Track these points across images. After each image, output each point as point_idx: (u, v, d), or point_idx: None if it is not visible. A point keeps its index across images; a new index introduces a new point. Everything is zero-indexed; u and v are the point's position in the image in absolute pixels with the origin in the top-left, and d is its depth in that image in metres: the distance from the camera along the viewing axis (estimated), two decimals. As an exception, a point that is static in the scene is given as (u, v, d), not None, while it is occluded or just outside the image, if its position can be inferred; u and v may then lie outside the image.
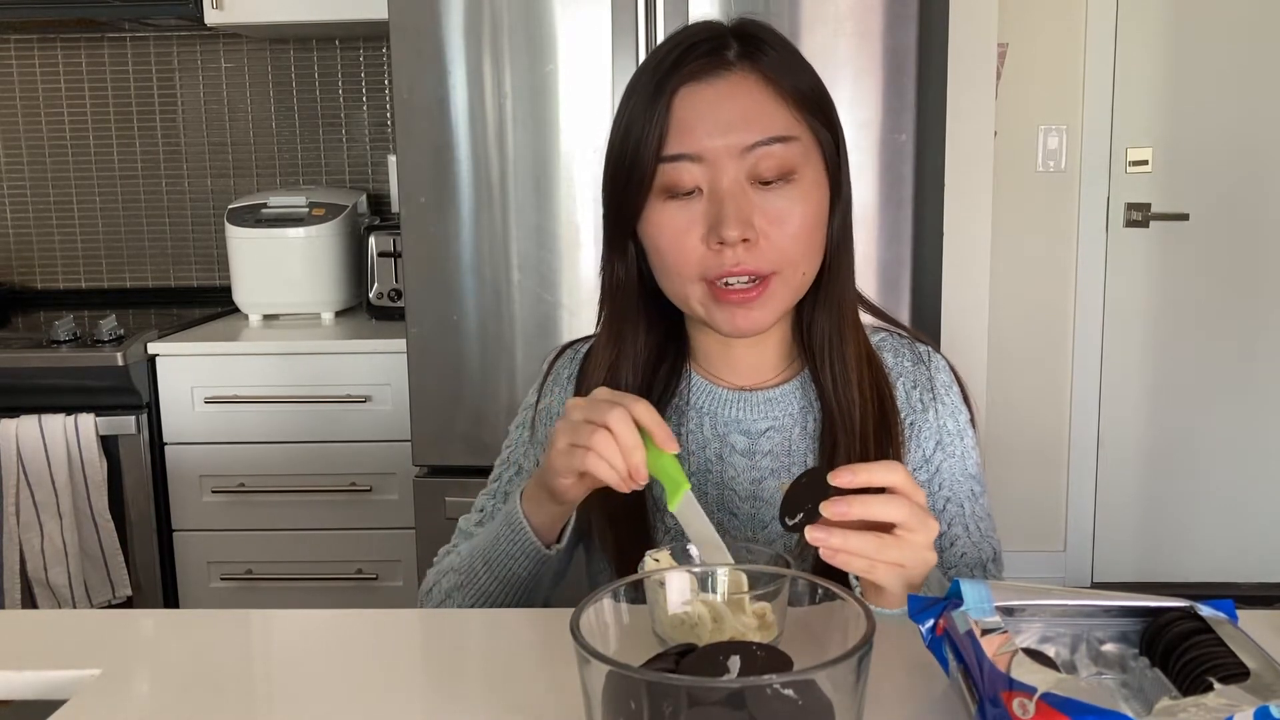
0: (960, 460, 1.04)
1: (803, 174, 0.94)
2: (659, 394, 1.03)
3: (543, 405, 1.09)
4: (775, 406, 1.03)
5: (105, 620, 0.95)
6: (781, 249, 0.93)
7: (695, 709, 0.53)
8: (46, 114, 2.81)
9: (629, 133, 0.94)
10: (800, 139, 0.94)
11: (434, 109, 1.95)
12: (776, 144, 0.92)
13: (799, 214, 0.93)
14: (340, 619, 0.92)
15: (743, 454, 1.02)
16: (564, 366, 1.10)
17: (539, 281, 1.99)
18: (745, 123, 0.92)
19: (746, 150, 0.92)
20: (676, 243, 0.94)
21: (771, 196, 0.93)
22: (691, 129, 0.92)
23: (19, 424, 2.19)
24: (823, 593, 0.65)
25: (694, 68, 0.93)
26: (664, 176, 0.93)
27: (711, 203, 0.92)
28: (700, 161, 0.92)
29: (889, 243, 1.91)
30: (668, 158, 0.93)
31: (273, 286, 2.47)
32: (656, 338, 1.04)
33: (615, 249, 1.00)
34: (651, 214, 0.95)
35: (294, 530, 2.32)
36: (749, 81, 0.94)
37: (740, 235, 0.91)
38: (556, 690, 0.77)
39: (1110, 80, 3.11)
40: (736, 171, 0.92)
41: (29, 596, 2.23)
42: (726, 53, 0.94)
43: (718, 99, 0.93)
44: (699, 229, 0.93)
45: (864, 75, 1.88)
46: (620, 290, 1.01)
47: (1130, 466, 3.30)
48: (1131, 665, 0.71)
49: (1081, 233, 3.19)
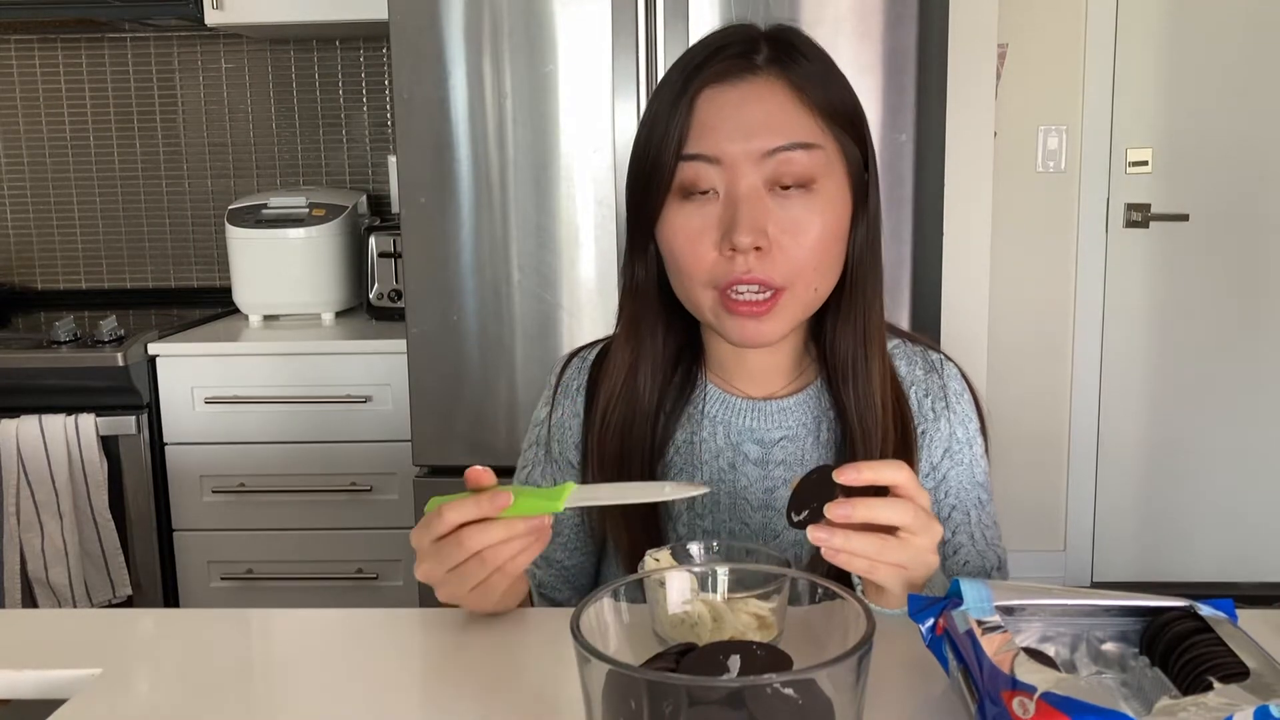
0: (968, 469, 1.03)
1: (823, 185, 0.92)
2: (674, 399, 1.03)
3: (556, 419, 1.08)
4: (789, 416, 1.02)
5: (105, 620, 0.95)
6: (794, 260, 0.92)
7: (695, 708, 0.53)
8: (46, 114, 2.81)
9: (652, 131, 0.94)
10: (824, 148, 0.92)
11: (434, 109, 1.95)
12: (797, 150, 0.91)
13: (816, 225, 0.92)
14: (340, 619, 0.92)
15: (756, 463, 1.01)
16: (572, 377, 1.08)
17: (539, 281, 1.99)
18: (766, 127, 0.91)
19: (766, 155, 0.91)
20: (690, 246, 0.93)
21: (789, 205, 0.91)
22: (712, 130, 0.91)
23: (19, 424, 2.19)
24: (823, 593, 0.65)
25: (720, 69, 0.93)
26: (682, 176, 0.92)
27: (727, 207, 0.91)
28: (718, 164, 0.91)
29: (889, 243, 1.91)
30: (686, 157, 0.92)
31: (273, 287, 2.47)
32: (675, 341, 1.03)
33: (636, 250, 0.99)
34: (668, 215, 0.94)
35: (294, 530, 2.32)
36: (774, 87, 0.92)
37: (753, 242, 0.90)
38: (556, 690, 0.77)
39: (1110, 80, 3.11)
40: (755, 177, 0.91)
41: (29, 596, 2.23)
42: (755, 57, 0.93)
43: (741, 102, 0.92)
44: (713, 233, 0.92)
45: (864, 75, 1.88)
46: (640, 292, 1.01)
47: (1130, 466, 3.30)
48: (1131, 665, 0.71)
49: (1081, 233, 3.18)
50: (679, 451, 1.02)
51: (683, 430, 1.03)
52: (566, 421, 1.07)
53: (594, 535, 1.07)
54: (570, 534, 1.07)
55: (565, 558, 1.08)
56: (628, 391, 1.01)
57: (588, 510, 1.05)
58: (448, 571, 0.81)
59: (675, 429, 1.03)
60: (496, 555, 0.79)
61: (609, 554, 1.07)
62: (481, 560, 0.79)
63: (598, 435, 1.02)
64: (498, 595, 0.84)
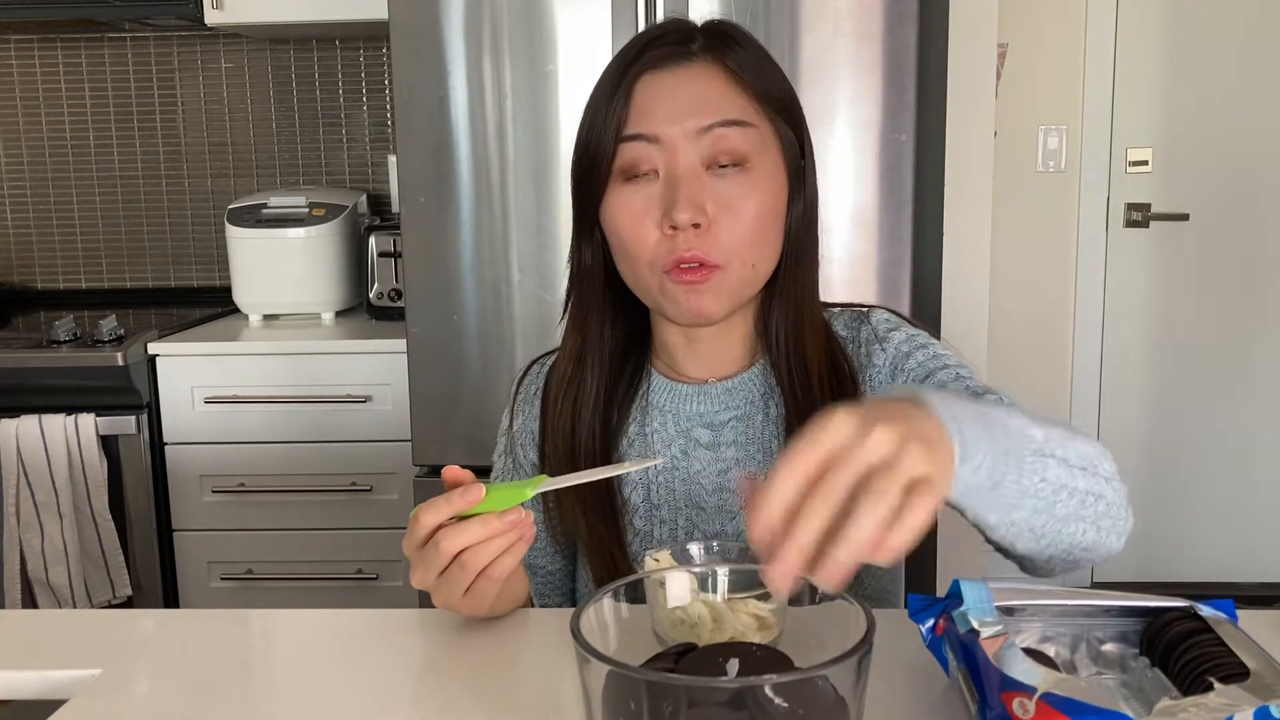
0: (922, 366, 0.99)
1: (758, 163, 0.95)
2: (623, 392, 1.04)
3: (517, 426, 1.09)
4: (736, 395, 1.03)
5: (105, 620, 0.95)
6: (731, 236, 0.94)
7: (695, 709, 0.53)
8: (46, 114, 2.81)
9: (593, 117, 0.96)
10: (757, 127, 0.95)
11: (434, 109, 1.95)
12: (731, 127, 0.94)
13: (752, 202, 0.94)
14: (340, 619, 0.92)
15: (707, 447, 1.02)
16: (531, 383, 1.10)
17: (539, 281, 1.99)
18: (701, 107, 0.94)
19: (702, 132, 0.93)
20: (634, 225, 0.95)
21: (725, 183, 0.94)
22: (650, 112, 0.94)
23: (19, 424, 2.19)
24: (823, 593, 0.65)
25: (657, 55, 0.96)
26: (622, 158, 0.95)
27: (667, 186, 0.94)
28: (657, 143, 0.94)
29: (889, 243, 1.91)
30: (626, 138, 0.94)
31: (273, 286, 2.47)
32: (622, 332, 1.04)
33: (582, 235, 1.01)
34: (611, 197, 0.96)
35: (294, 530, 2.32)
36: (710, 70, 0.96)
37: (691, 219, 0.92)
38: (556, 690, 0.77)
39: (1110, 80, 3.11)
40: (692, 155, 0.94)
41: (29, 596, 2.23)
42: (691, 45, 0.97)
43: (677, 84, 0.95)
44: (655, 212, 0.94)
45: (864, 75, 1.88)
46: (586, 277, 1.02)
47: (1130, 466, 3.28)
48: (1131, 665, 0.71)
49: (1081, 233, 3.19)
50: (631, 445, 1.04)
51: (634, 423, 1.04)
52: (527, 426, 1.09)
53: (557, 536, 1.08)
54: (543, 539, 1.08)
55: (546, 563, 1.09)
56: (575, 378, 1.02)
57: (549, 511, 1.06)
58: (436, 578, 0.80)
59: (627, 422, 1.04)
60: (477, 557, 0.78)
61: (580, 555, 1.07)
62: (462, 565, 0.78)
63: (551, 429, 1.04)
64: (489, 601, 0.83)
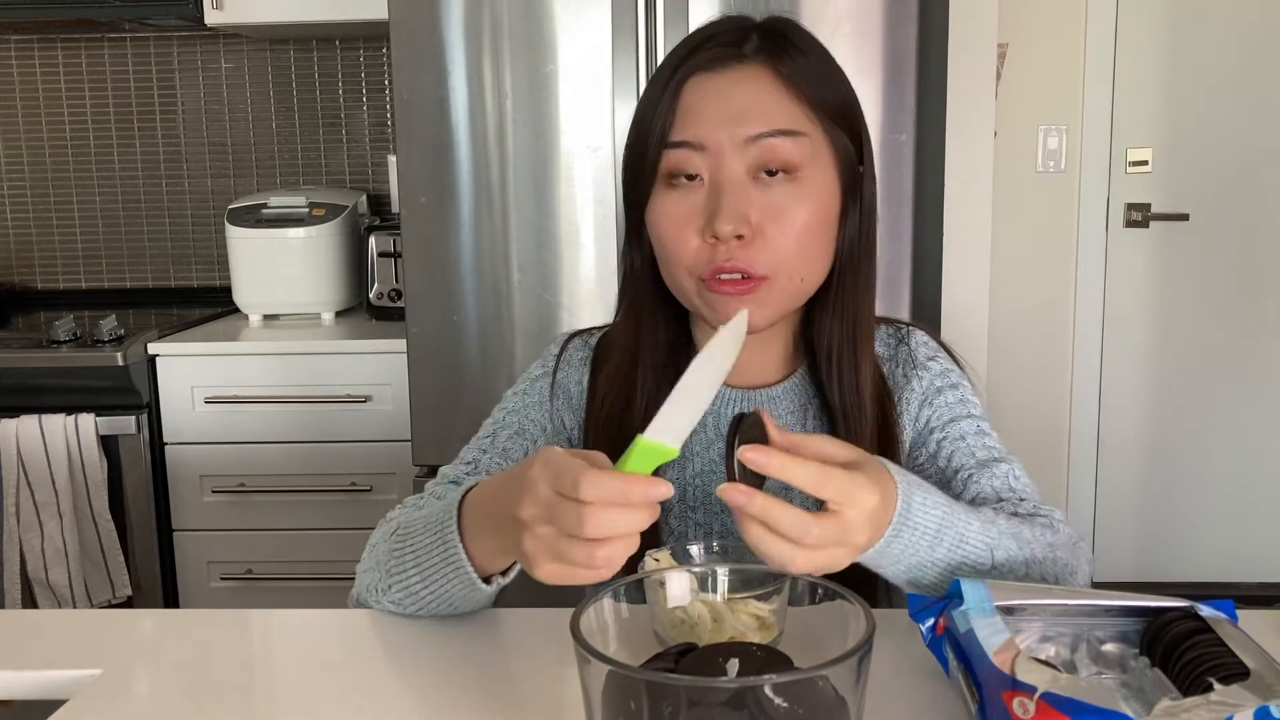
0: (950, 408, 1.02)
1: (809, 173, 0.92)
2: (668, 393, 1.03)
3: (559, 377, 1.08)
4: (777, 405, 1.02)
5: (105, 620, 0.95)
6: (778, 248, 0.91)
7: (695, 709, 0.53)
8: (46, 114, 2.81)
9: (640, 119, 0.95)
10: (809, 136, 0.92)
11: (434, 109, 1.95)
12: (781, 137, 0.91)
13: (801, 213, 0.92)
14: (340, 619, 0.92)
15: None
16: (576, 350, 1.10)
17: (539, 281, 1.99)
18: (750, 114, 0.91)
19: (749, 141, 0.91)
20: (675, 232, 0.93)
21: (772, 192, 0.91)
22: (697, 117, 0.92)
23: (19, 424, 2.19)
24: (823, 593, 0.65)
25: (708, 56, 0.93)
26: (667, 163, 0.93)
27: (711, 194, 0.92)
28: (703, 150, 0.92)
29: (889, 243, 1.91)
30: (671, 144, 0.92)
31: (273, 286, 2.47)
32: (670, 332, 1.03)
33: (632, 237, 1.00)
34: (655, 201, 0.95)
35: (294, 530, 2.32)
36: (760, 75, 0.92)
37: (734, 230, 0.90)
38: (556, 690, 0.77)
39: (1110, 80, 3.11)
40: (738, 164, 0.91)
41: (29, 596, 2.23)
42: (744, 45, 0.94)
43: (726, 88, 0.92)
44: (697, 220, 0.92)
45: (864, 75, 1.88)
46: (636, 278, 1.01)
47: (1130, 466, 3.29)
48: (1132, 665, 0.71)
49: (1081, 233, 3.18)
50: None
51: None
52: (570, 387, 1.07)
53: None
54: None
55: None
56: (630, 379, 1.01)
57: None
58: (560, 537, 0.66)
59: None
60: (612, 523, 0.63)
61: None
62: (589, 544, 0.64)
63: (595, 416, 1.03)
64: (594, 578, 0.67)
